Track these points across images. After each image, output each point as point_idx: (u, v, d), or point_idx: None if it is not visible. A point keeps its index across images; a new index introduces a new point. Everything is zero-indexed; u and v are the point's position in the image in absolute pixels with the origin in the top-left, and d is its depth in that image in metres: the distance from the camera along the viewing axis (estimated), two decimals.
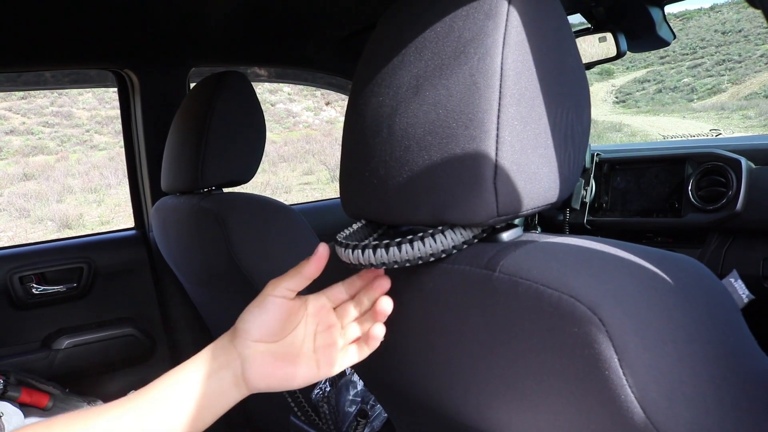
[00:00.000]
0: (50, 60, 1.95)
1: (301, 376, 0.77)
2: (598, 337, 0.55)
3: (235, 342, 0.76)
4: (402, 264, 0.70)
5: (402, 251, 0.69)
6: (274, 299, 0.76)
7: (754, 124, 24.33)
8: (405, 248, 0.69)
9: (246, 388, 0.76)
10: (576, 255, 0.62)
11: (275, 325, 0.76)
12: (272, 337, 0.76)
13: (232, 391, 0.76)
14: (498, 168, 0.63)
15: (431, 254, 0.69)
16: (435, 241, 0.69)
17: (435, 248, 0.69)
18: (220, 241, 1.42)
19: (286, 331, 0.77)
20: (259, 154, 1.63)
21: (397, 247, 0.70)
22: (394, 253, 0.70)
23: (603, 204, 2.08)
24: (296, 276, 0.76)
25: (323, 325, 0.79)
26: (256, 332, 0.75)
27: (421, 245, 0.69)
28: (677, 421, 0.54)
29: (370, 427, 1.37)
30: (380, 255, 0.71)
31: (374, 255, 0.71)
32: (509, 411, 0.69)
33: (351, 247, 0.73)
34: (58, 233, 13.66)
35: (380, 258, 0.71)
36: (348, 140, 0.79)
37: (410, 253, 0.69)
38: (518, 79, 0.63)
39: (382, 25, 0.77)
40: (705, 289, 0.60)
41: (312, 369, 0.77)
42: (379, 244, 0.71)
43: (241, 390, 0.76)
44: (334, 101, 31.28)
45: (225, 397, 0.75)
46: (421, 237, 0.69)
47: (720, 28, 47.67)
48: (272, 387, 0.77)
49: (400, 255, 0.70)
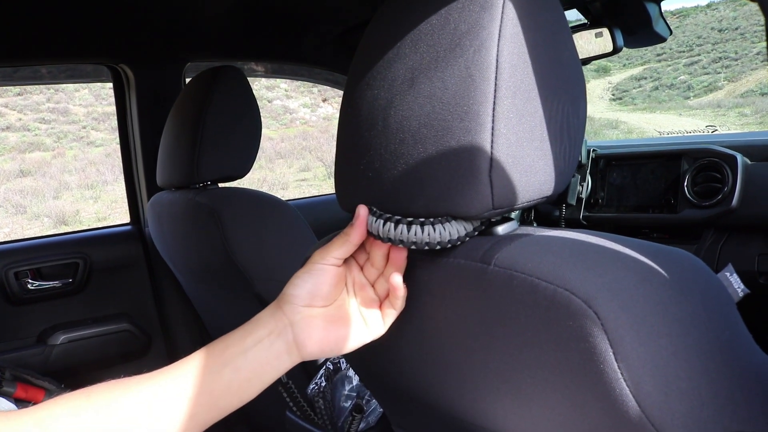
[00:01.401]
0: (46, 55, 1.95)
1: (353, 338, 0.77)
2: (593, 331, 0.55)
3: (284, 308, 0.76)
4: (421, 246, 0.70)
5: (424, 233, 0.69)
6: (324, 266, 0.76)
7: (750, 121, 24.37)
8: (427, 229, 0.69)
9: (298, 355, 0.76)
10: (571, 248, 0.61)
11: (325, 289, 0.76)
12: (322, 301, 0.76)
13: (284, 358, 0.75)
14: (493, 161, 0.62)
15: (448, 240, 0.69)
16: (444, 230, 0.68)
17: (447, 236, 0.68)
18: (215, 236, 1.42)
19: (334, 296, 0.77)
20: (255, 149, 1.63)
21: (420, 226, 0.69)
22: (416, 232, 0.69)
23: (599, 200, 2.08)
24: (344, 244, 0.75)
25: (358, 285, 0.79)
26: (306, 297, 0.75)
27: (435, 230, 0.69)
28: (672, 414, 0.54)
29: (365, 421, 1.37)
30: (412, 232, 0.70)
31: (407, 231, 0.70)
32: (504, 405, 0.69)
33: (384, 219, 0.72)
34: (54, 229, 13.62)
35: (405, 235, 0.70)
36: (343, 134, 0.79)
37: (432, 236, 0.69)
38: (514, 72, 0.62)
39: (378, 18, 0.76)
40: (701, 283, 0.60)
41: (362, 328, 0.77)
42: (402, 220, 0.70)
43: (293, 357, 0.76)
44: (331, 98, 31.24)
45: (277, 363, 0.75)
46: (432, 223, 0.69)
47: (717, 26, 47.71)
48: (325, 351, 0.76)
49: (422, 236, 0.69)
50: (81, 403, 0.66)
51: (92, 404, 0.66)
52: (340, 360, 1.48)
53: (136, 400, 0.68)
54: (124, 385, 0.69)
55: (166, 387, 0.69)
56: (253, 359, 0.73)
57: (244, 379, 0.73)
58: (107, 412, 0.66)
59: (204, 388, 0.70)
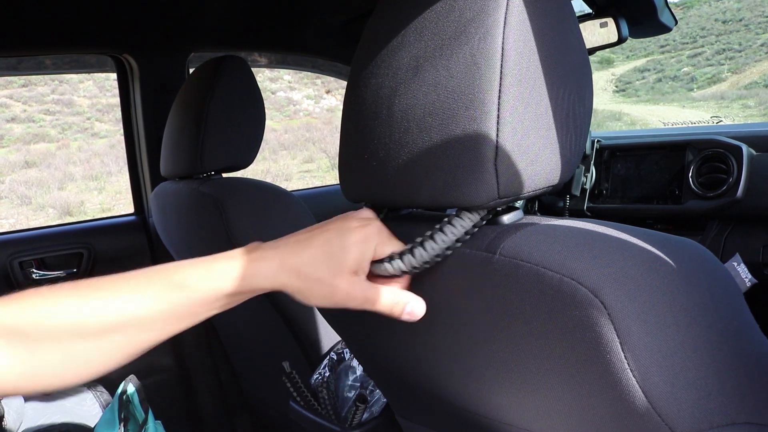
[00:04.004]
0: (50, 45, 1.94)
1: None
2: (599, 321, 0.54)
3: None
4: (421, 267, 0.70)
5: (416, 256, 0.69)
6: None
7: (754, 113, 24.30)
8: (418, 252, 0.69)
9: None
10: (578, 237, 0.61)
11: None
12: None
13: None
14: (499, 149, 0.62)
15: (446, 248, 0.68)
16: (445, 234, 0.68)
17: (447, 240, 0.68)
18: (219, 226, 1.42)
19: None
20: (259, 139, 1.62)
21: (410, 254, 0.69)
22: (408, 261, 0.69)
23: (603, 191, 2.08)
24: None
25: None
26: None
27: (432, 244, 0.68)
28: (679, 405, 0.54)
29: (369, 412, 1.37)
30: (397, 264, 0.70)
31: (391, 265, 0.70)
32: (509, 395, 0.69)
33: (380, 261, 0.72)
34: (59, 220, 13.65)
35: (398, 267, 0.70)
36: (347, 123, 0.78)
37: (424, 255, 0.68)
38: (519, 60, 0.62)
39: (382, 5, 0.76)
40: (708, 273, 0.59)
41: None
42: (393, 256, 0.70)
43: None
44: (334, 89, 31.22)
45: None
46: (430, 235, 0.68)
47: (720, 17, 47.50)
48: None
49: (415, 260, 0.69)
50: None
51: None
52: (343, 350, 1.48)
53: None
54: (99, 282, 0.69)
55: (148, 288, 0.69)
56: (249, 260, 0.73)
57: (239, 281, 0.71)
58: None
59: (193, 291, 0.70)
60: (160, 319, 0.68)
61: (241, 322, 1.73)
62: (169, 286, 0.69)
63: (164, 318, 0.68)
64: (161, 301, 0.68)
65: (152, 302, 0.67)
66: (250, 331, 1.73)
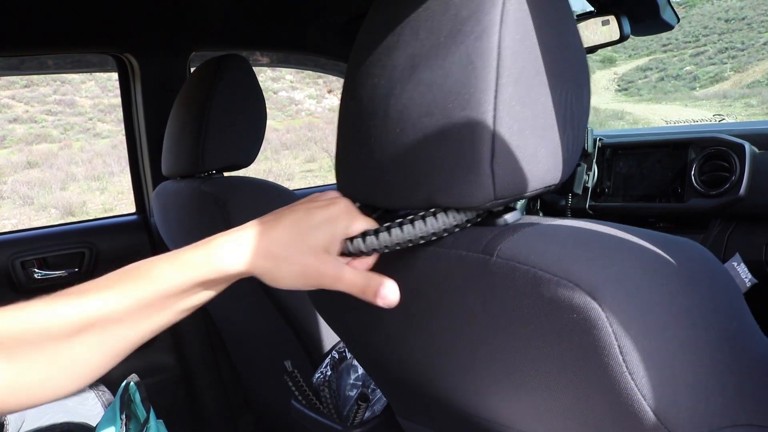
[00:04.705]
0: (52, 45, 1.95)
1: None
2: (597, 323, 0.54)
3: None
4: (392, 248, 0.70)
5: (392, 235, 0.69)
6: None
7: (757, 112, 24.28)
8: (395, 232, 0.69)
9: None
10: (576, 238, 0.61)
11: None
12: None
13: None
14: (495, 150, 0.61)
15: (420, 237, 0.69)
16: (425, 224, 0.68)
17: (425, 230, 0.68)
18: (220, 225, 1.42)
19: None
20: (260, 138, 1.63)
21: (387, 231, 0.70)
22: (384, 238, 0.70)
23: (605, 189, 2.08)
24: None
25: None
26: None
27: (410, 228, 0.69)
28: (678, 408, 0.54)
29: (371, 410, 1.37)
30: (371, 241, 0.70)
31: (364, 243, 0.71)
32: (508, 397, 0.69)
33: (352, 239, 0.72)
34: (61, 221, 13.68)
35: (371, 244, 0.71)
36: (344, 123, 0.78)
37: (399, 236, 0.69)
38: (516, 59, 0.61)
39: (378, 4, 0.76)
40: (708, 274, 0.59)
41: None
42: (368, 232, 0.71)
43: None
44: (336, 89, 31.18)
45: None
46: (411, 220, 0.69)
47: (723, 16, 47.46)
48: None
49: (390, 239, 0.69)
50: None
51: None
52: (345, 349, 1.48)
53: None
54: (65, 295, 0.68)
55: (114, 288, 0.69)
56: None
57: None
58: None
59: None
60: (129, 315, 0.67)
61: (242, 321, 1.73)
62: (137, 281, 0.68)
63: (132, 313, 0.67)
64: (128, 297, 0.67)
65: (118, 298, 0.67)
66: (252, 331, 1.73)
